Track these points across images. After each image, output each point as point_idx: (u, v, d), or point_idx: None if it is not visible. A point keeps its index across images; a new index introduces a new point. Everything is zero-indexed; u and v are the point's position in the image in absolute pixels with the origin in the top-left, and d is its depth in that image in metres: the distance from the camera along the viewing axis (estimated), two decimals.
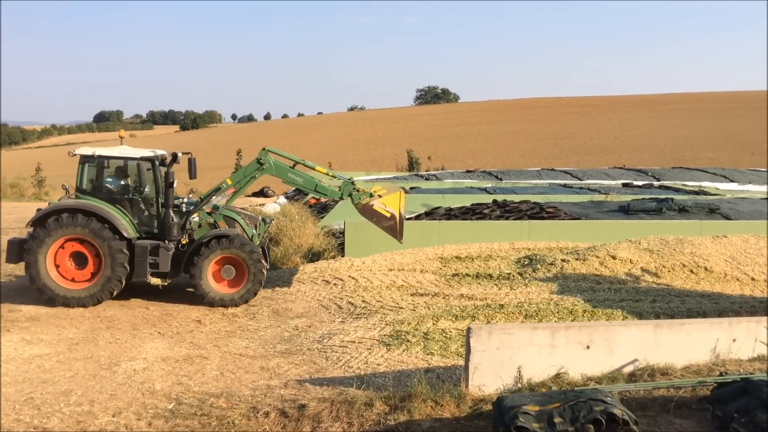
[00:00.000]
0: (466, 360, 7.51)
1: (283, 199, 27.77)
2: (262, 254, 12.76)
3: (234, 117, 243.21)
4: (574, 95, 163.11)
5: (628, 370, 7.83)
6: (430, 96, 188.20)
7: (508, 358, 7.50)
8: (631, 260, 13.80)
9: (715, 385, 6.98)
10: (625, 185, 28.49)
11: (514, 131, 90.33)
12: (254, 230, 12.98)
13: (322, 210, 22.37)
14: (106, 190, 12.25)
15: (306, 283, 13.52)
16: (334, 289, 12.98)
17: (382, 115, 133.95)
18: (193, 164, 12.32)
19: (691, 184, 29.46)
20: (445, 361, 9.06)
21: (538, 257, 14.52)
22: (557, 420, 6.05)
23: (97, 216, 11.64)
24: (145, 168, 12.28)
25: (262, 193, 33.07)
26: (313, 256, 15.98)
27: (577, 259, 13.91)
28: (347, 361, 9.15)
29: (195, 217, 12.58)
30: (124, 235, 11.74)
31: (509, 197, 21.80)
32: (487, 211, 18.81)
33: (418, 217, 18.60)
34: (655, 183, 30.03)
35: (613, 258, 13.85)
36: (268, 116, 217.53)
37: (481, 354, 7.42)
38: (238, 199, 13.20)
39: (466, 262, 14.58)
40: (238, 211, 13.43)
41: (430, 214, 19.07)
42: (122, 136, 14.11)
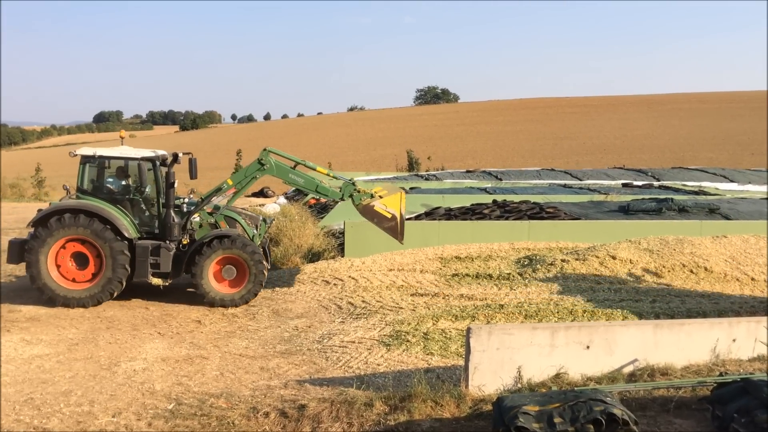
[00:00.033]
0: (466, 360, 7.51)
1: (282, 200, 27.78)
2: (263, 254, 12.77)
3: (234, 117, 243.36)
4: (574, 95, 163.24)
5: (628, 370, 7.83)
6: (430, 96, 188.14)
7: (508, 358, 7.50)
8: (630, 260, 13.81)
9: (715, 385, 6.98)
10: (624, 185, 28.50)
11: (514, 131, 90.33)
12: (255, 230, 12.98)
13: (321, 210, 22.37)
14: (107, 191, 12.26)
15: (306, 284, 13.52)
16: (334, 290, 12.98)
17: (382, 116, 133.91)
18: (193, 164, 12.32)
19: (691, 184, 29.48)
20: (445, 362, 9.06)
21: (538, 257, 14.52)
22: (557, 420, 6.05)
23: (99, 217, 11.64)
24: (146, 168, 12.28)
25: (261, 194, 33.07)
26: (313, 257, 15.98)
27: (576, 260, 13.91)
28: (347, 362, 9.15)
29: (196, 218, 12.58)
30: (125, 235, 11.74)
31: (509, 197, 21.80)
32: (486, 212, 18.81)
33: (418, 218, 18.60)
34: (655, 183, 30.04)
35: (613, 258, 13.86)
36: (267, 116, 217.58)
37: (481, 354, 7.43)
38: (238, 200, 13.20)
39: (466, 262, 14.58)
40: (239, 212, 13.43)
41: (430, 215, 19.07)
42: (123, 137, 14.13)
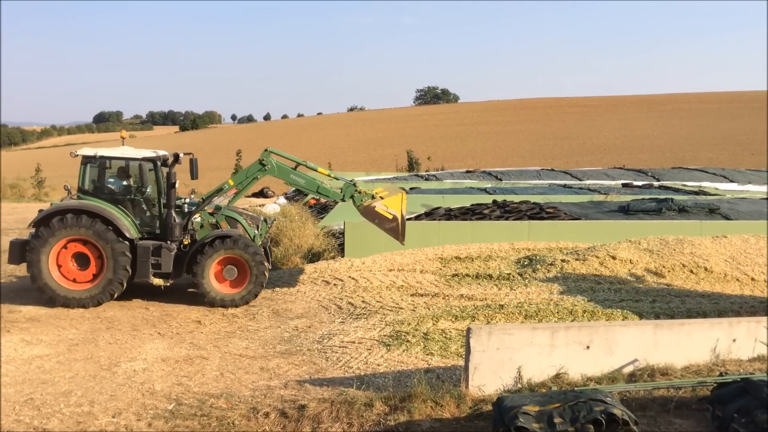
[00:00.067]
0: (466, 360, 7.51)
1: (282, 200, 27.79)
2: (264, 255, 12.76)
3: (234, 117, 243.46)
4: (574, 95, 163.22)
5: (628, 370, 7.83)
6: (430, 96, 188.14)
7: (508, 359, 7.50)
8: (630, 260, 13.81)
9: (715, 386, 6.98)
10: (624, 185, 28.52)
11: (514, 131, 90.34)
12: (256, 231, 12.97)
13: (321, 210, 22.38)
14: (108, 191, 12.25)
15: (306, 284, 13.52)
16: (334, 290, 12.98)
17: (382, 116, 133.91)
18: (194, 165, 12.32)
19: (691, 185, 29.50)
20: (445, 362, 9.06)
21: (538, 257, 14.52)
22: (557, 420, 6.05)
23: (102, 218, 11.63)
24: (147, 168, 12.27)
25: (261, 194, 33.07)
26: (313, 257, 15.99)
27: (576, 260, 13.91)
28: (347, 362, 9.15)
29: (197, 218, 12.58)
30: (126, 235, 11.74)
31: (509, 197, 21.81)
32: (486, 212, 18.81)
33: (418, 218, 18.60)
34: (655, 183, 30.07)
35: (613, 258, 13.86)
36: (267, 117, 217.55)
37: (481, 354, 7.42)
38: (238, 200, 13.20)
39: (466, 262, 14.58)
40: (240, 212, 13.42)
41: (430, 215, 19.07)
42: (124, 137, 14.14)
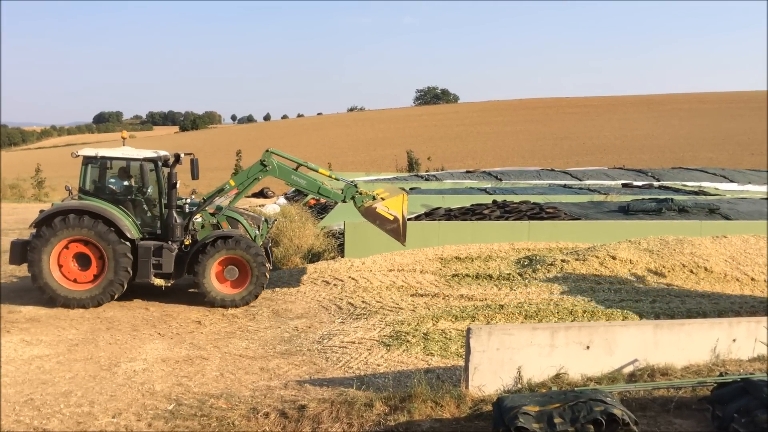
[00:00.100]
0: (466, 360, 7.51)
1: (282, 200, 27.81)
2: (265, 255, 12.75)
3: (234, 118, 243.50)
4: (574, 95, 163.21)
5: (628, 370, 7.83)
6: (430, 96, 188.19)
7: (508, 359, 7.50)
8: (630, 260, 13.81)
9: (715, 386, 6.98)
10: (624, 185, 28.52)
11: (514, 131, 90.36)
12: (257, 231, 12.97)
13: (321, 211, 22.39)
14: (109, 191, 12.24)
15: (306, 284, 13.51)
16: (334, 290, 12.98)
17: (382, 116, 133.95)
18: (195, 165, 12.32)
19: (691, 185, 29.50)
20: (445, 362, 9.05)
21: (538, 258, 14.52)
22: (557, 420, 6.05)
23: (104, 218, 11.63)
24: (148, 169, 12.27)
25: (261, 194, 33.07)
26: (313, 257, 15.99)
27: (576, 260, 13.91)
28: (347, 362, 9.15)
29: (198, 218, 12.57)
30: (128, 236, 11.73)
31: (509, 198, 21.81)
32: (486, 212, 18.81)
33: (418, 218, 18.60)
34: (655, 183, 30.06)
35: (613, 258, 13.86)
36: (267, 117, 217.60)
37: (481, 354, 7.42)
38: (239, 200, 13.19)
39: (466, 262, 14.58)
40: (241, 212, 13.42)
41: (430, 215, 19.07)
42: (125, 137, 14.13)
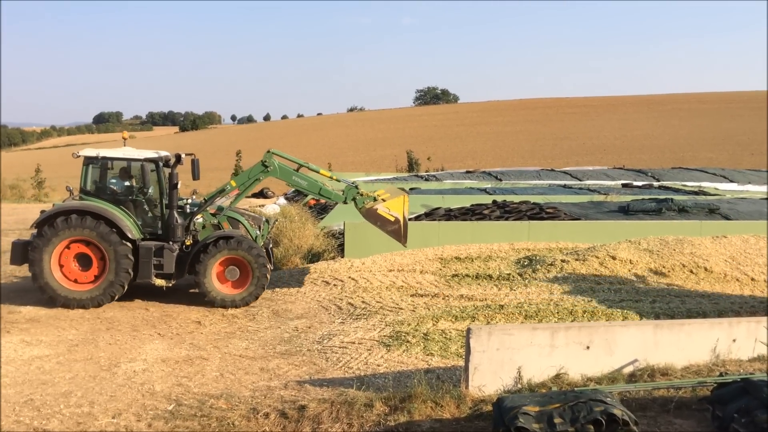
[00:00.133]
0: (466, 361, 7.51)
1: (282, 200, 27.80)
2: (266, 256, 12.75)
3: (233, 118, 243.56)
4: (574, 95, 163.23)
5: (628, 370, 7.82)
6: (430, 97, 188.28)
7: (508, 359, 7.49)
8: (630, 260, 13.80)
9: (715, 386, 6.98)
10: (624, 186, 28.50)
11: (514, 132, 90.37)
12: (258, 231, 12.96)
13: (321, 211, 22.37)
14: (110, 192, 12.24)
15: (306, 284, 13.51)
16: (334, 290, 12.97)
17: (382, 116, 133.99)
18: (196, 165, 12.33)
19: (691, 185, 29.48)
20: (445, 362, 9.05)
21: (538, 258, 14.52)
22: (557, 420, 6.05)
23: (106, 219, 11.62)
24: (149, 169, 12.26)
25: (261, 194, 33.06)
26: (313, 257, 15.98)
27: (576, 260, 13.91)
28: (347, 362, 9.15)
29: (199, 218, 12.57)
30: (129, 236, 11.73)
31: (509, 198, 21.80)
32: (486, 212, 18.81)
33: (418, 218, 18.59)
34: (655, 183, 30.05)
35: (613, 258, 13.86)
36: (267, 117, 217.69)
37: (481, 354, 7.42)
38: (240, 201, 13.19)
39: (466, 262, 14.57)
40: (242, 212, 13.42)
41: (430, 215, 19.06)
42: (126, 138, 14.14)
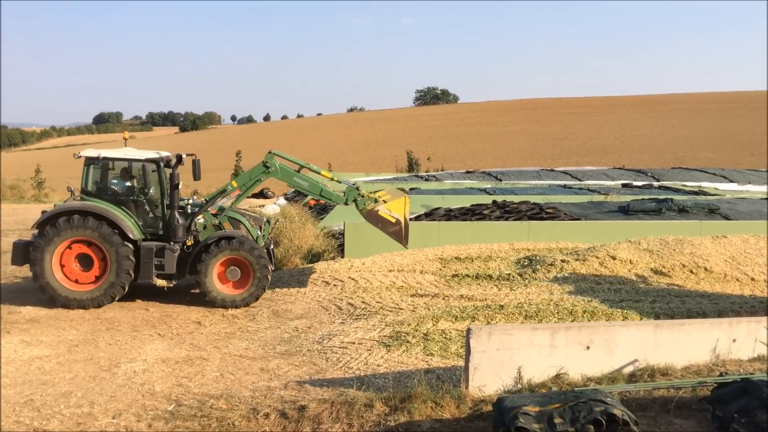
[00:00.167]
0: (466, 361, 7.51)
1: (282, 201, 27.80)
2: (267, 256, 12.74)
3: (233, 118, 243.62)
4: (574, 95, 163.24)
5: (628, 370, 7.82)
6: (430, 97, 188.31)
7: (508, 359, 7.49)
8: (630, 260, 13.80)
9: (715, 386, 6.98)
10: (624, 186, 28.50)
11: (514, 132, 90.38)
12: (259, 232, 12.97)
13: (321, 211, 22.37)
14: (112, 192, 12.23)
15: (306, 284, 13.51)
16: (334, 290, 12.97)
17: (382, 116, 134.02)
18: (197, 166, 12.34)
19: (691, 185, 29.48)
20: (445, 362, 9.05)
21: (538, 258, 14.52)
22: (557, 420, 6.05)
23: (108, 220, 11.62)
24: (150, 169, 12.26)
25: (261, 195, 33.05)
26: (313, 257, 15.98)
27: (576, 260, 13.91)
28: (347, 362, 9.15)
29: (200, 219, 12.58)
30: (130, 237, 11.72)
31: (509, 198, 21.80)
32: (486, 212, 18.81)
33: (418, 218, 18.59)
34: (655, 183, 30.04)
35: (613, 258, 13.86)
36: (267, 117, 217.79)
37: (481, 355, 7.42)
38: (241, 201, 13.20)
39: (466, 262, 14.57)
40: (243, 213, 13.43)
41: (430, 215, 19.06)
42: (126, 138, 14.15)
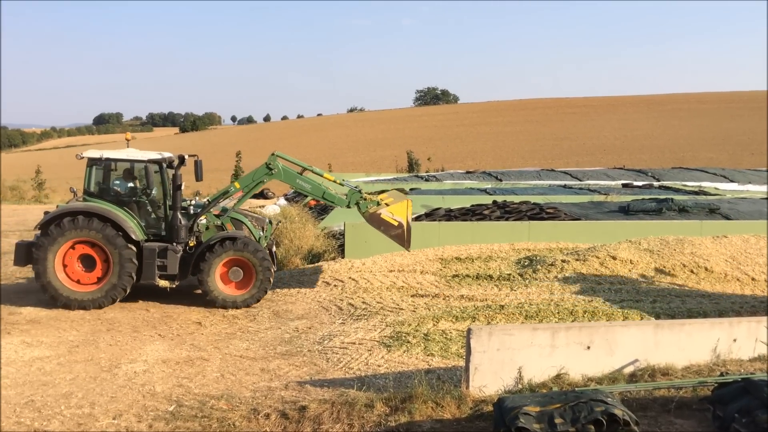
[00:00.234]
0: (467, 361, 7.51)
1: (282, 201, 27.80)
2: (270, 258, 12.74)
3: (233, 119, 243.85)
4: (574, 95, 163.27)
5: (628, 370, 7.82)
6: (430, 97, 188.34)
7: (509, 359, 7.49)
8: (631, 260, 13.81)
9: (716, 386, 6.98)
10: (624, 186, 28.49)
11: (514, 132, 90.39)
12: (261, 232, 12.97)
13: (322, 212, 22.37)
14: (114, 193, 12.24)
15: (306, 285, 13.52)
16: (335, 291, 12.98)
17: (382, 117, 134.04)
18: (199, 167, 12.34)
19: (691, 185, 29.47)
20: (445, 362, 9.05)
21: (538, 258, 14.52)
22: (558, 421, 6.05)
23: (112, 222, 11.62)
24: (153, 170, 12.26)
25: (262, 195, 33.04)
26: (313, 258, 15.99)
27: (577, 260, 13.91)
28: (348, 363, 9.15)
29: (202, 220, 12.59)
30: (132, 237, 11.72)
31: (509, 198, 21.80)
32: (487, 212, 18.81)
33: (419, 219, 18.59)
34: (655, 183, 30.03)
35: (613, 258, 13.86)
36: (267, 118, 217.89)
37: (482, 355, 7.42)
38: (244, 203, 13.21)
39: (467, 263, 14.57)
40: (246, 213, 13.44)
41: (430, 215, 19.07)
42: (129, 139, 14.14)
